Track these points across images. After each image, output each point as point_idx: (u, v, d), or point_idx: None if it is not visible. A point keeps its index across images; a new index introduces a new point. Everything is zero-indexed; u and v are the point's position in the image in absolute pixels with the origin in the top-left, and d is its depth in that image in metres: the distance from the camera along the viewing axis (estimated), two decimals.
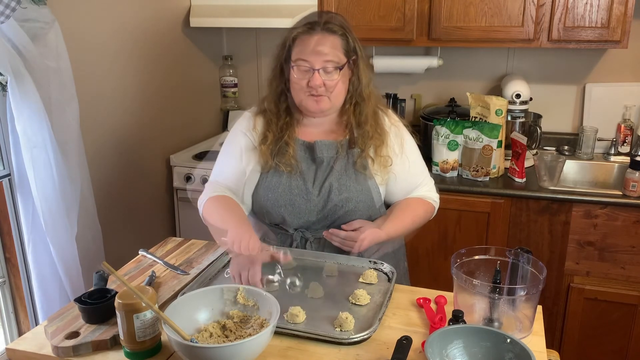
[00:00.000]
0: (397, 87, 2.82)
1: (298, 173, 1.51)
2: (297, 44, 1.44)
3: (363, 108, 1.50)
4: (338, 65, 1.43)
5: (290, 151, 1.50)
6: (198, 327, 1.17)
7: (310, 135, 1.55)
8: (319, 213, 1.51)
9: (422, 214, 1.60)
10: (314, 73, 1.42)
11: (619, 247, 2.15)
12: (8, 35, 1.66)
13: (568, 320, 2.28)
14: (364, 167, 1.51)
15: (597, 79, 2.58)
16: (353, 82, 1.50)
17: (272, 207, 1.52)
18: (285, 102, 1.53)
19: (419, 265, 2.36)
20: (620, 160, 2.48)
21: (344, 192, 1.49)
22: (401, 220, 1.54)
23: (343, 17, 1.50)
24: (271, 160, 1.51)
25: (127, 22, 2.34)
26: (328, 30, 1.43)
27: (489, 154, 2.26)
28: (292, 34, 1.46)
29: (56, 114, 1.86)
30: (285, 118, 1.53)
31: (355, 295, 1.32)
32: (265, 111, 1.56)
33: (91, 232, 2.07)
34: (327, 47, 1.42)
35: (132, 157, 2.46)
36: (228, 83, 3.08)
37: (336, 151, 1.51)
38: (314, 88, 1.43)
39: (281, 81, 1.51)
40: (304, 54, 1.42)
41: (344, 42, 1.45)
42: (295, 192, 1.50)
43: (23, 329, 2.05)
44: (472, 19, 2.31)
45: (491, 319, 1.22)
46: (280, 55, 1.49)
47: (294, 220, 1.53)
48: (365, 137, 1.50)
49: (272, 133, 1.52)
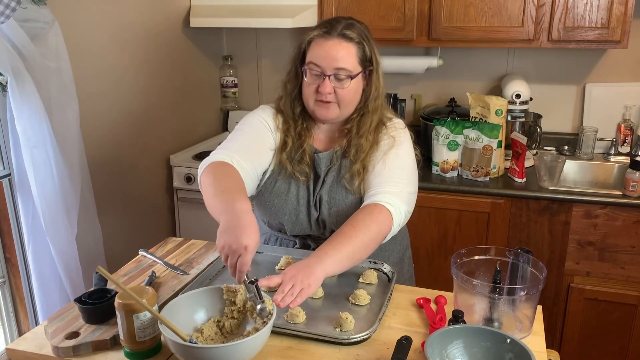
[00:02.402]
0: (397, 87, 2.82)
1: (307, 183, 1.48)
2: (312, 47, 1.40)
3: (366, 119, 1.45)
4: (350, 74, 1.38)
5: (307, 159, 1.47)
6: (196, 327, 1.17)
7: (318, 142, 1.52)
8: (315, 223, 1.49)
9: (369, 224, 1.30)
10: (324, 79, 1.37)
11: (619, 247, 2.15)
12: (8, 35, 1.66)
13: (568, 320, 2.28)
14: (351, 180, 1.44)
15: (597, 79, 2.58)
16: (366, 93, 1.45)
17: (276, 213, 1.49)
18: (299, 106, 1.48)
19: (419, 265, 2.36)
20: (620, 160, 2.48)
21: (333, 206, 1.46)
22: (343, 244, 1.25)
23: (364, 25, 1.45)
24: (290, 168, 1.46)
25: (127, 22, 2.34)
26: (345, 36, 1.38)
27: (489, 154, 2.26)
28: (308, 36, 1.41)
29: (56, 114, 1.86)
30: (302, 124, 1.49)
31: (355, 295, 1.32)
32: (283, 112, 1.51)
33: (91, 232, 2.07)
34: (342, 53, 1.36)
35: (132, 157, 2.46)
36: (228, 83, 3.08)
37: (331, 160, 1.48)
38: (322, 94, 1.38)
39: (296, 84, 1.46)
40: (317, 58, 1.38)
41: (360, 51, 1.39)
42: (301, 203, 1.48)
43: (23, 329, 2.05)
44: (472, 19, 2.31)
45: (491, 319, 1.22)
46: (295, 57, 1.45)
47: (293, 229, 1.51)
48: (359, 149, 1.44)
49: (291, 139, 1.48)
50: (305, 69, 1.41)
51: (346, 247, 1.25)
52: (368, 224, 1.29)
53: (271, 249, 1.56)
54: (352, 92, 1.41)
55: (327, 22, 1.42)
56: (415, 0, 2.35)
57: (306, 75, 1.41)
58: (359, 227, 1.28)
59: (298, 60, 1.45)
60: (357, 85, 1.42)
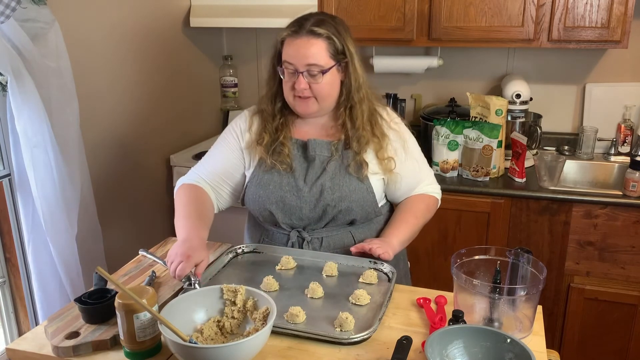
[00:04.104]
0: (397, 87, 2.82)
1: (290, 171, 1.52)
2: (285, 46, 1.45)
3: (356, 111, 1.50)
4: (323, 69, 1.42)
5: (286, 150, 1.52)
6: (196, 327, 1.17)
7: (305, 134, 1.56)
8: (312, 211, 1.50)
9: (425, 211, 1.62)
10: (298, 76, 1.43)
11: (619, 247, 2.15)
12: (8, 35, 1.66)
13: (568, 320, 2.28)
14: (358, 169, 1.50)
15: (597, 79, 2.58)
16: (346, 85, 1.49)
17: (263, 203, 1.53)
18: (280, 102, 1.54)
19: (419, 265, 2.36)
20: (620, 160, 2.48)
21: (336, 191, 1.49)
22: (406, 225, 1.56)
23: (337, 19, 1.49)
24: (268, 159, 1.52)
25: (127, 22, 2.34)
26: (312, 33, 1.42)
27: (489, 154, 2.26)
28: (280, 36, 1.47)
29: (56, 114, 1.86)
30: (280, 118, 1.54)
31: (355, 295, 1.32)
32: (262, 111, 1.57)
33: (91, 232, 2.07)
34: (312, 50, 1.42)
35: (132, 157, 2.46)
36: (228, 83, 3.08)
37: (330, 152, 1.52)
38: (298, 90, 1.44)
39: (275, 81, 1.53)
40: (289, 56, 1.44)
41: (330, 46, 1.44)
42: (285, 189, 1.51)
43: (23, 329, 2.05)
44: (472, 19, 2.31)
45: (491, 319, 1.22)
46: (273, 57, 1.51)
47: (285, 218, 1.53)
48: (361, 141, 1.50)
49: (268, 133, 1.53)
50: (281, 67, 1.46)
51: (410, 231, 1.56)
52: (425, 213, 1.61)
53: (271, 249, 1.56)
54: (328, 86, 1.46)
55: (297, 21, 1.47)
56: (415, 0, 2.35)
57: (283, 74, 1.47)
58: (419, 216, 1.59)
59: (275, 60, 1.50)
60: (333, 79, 1.47)
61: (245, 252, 1.57)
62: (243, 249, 1.58)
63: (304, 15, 1.49)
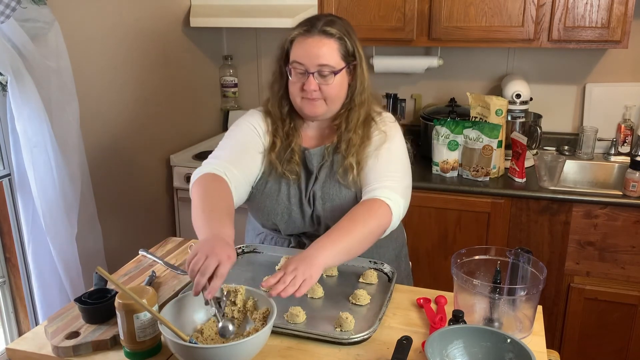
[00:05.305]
0: (397, 87, 2.82)
1: (297, 180, 1.49)
2: (294, 46, 1.41)
3: (354, 114, 1.46)
4: (334, 70, 1.39)
5: (296, 158, 1.48)
6: (196, 327, 1.17)
7: (308, 140, 1.53)
8: (309, 221, 1.49)
9: (366, 215, 1.32)
10: (308, 76, 1.39)
11: (619, 247, 2.15)
12: (8, 35, 1.66)
13: (568, 320, 2.28)
14: (344, 174, 1.45)
15: (597, 79, 2.58)
16: (351, 87, 1.46)
17: (268, 214, 1.50)
18: (287, 106, 1.49)
19: (419, 265, 2.36)
20: (620, 160, 2.48)
21: (327, 201, 1.46)
22: (339, 233, 1.27)
23: (345, 21, 1.46)
24: (280, 167, 1.48)
25: (127, 22, 2.34)
26: (325, 33, 1.39)
27: (489, 154, 2.26)
28: (290, 35, 1.43)
29: (56, 114, 1.86)
30: (290, 123, 1.50)
31: (355, 295, 1.32)
32: (271, 114, 1.52)
33: (91, 232, 2.07)
34: (323, 50, 1.38)
35: (132, 157, 2.46)
36: (228, 83, 3.08)
37: (323, 157, 1.49)
38: (308, 92, 1.40)
39: (282, 84, 1.48)
40: (300, 56, 1.39)
41: (342, 47, 1.41)
42: (293, 202, 1.48)
43: (23, 329, 2.05)
44: (472, 19, 2.31)
45: (491, 319, 1.22)
46: (279, 57, 1.47)
47: (286, 229, 1.51)
48: (349, 144, 1.45)
49: (280, 139, 1.49)
50: (290, 68, 1.42)
51: (344, 240, 1.25)
52: (367, 218, 1.31)
53: (271, 249, 1.56)
54: (338, 88, 1.43)
55: (308, 21, 1.43)
56: (415, 0, 2.35)
57: (291, 75, 1.43)
58: (357, 221, 1.29)
59: (282, 60, 1.46)
60: (342, 81, 1.43)
61: (245, 252, 1.57)
62: (243, 249, 1.58)
63: (314, 16, 1.46)
